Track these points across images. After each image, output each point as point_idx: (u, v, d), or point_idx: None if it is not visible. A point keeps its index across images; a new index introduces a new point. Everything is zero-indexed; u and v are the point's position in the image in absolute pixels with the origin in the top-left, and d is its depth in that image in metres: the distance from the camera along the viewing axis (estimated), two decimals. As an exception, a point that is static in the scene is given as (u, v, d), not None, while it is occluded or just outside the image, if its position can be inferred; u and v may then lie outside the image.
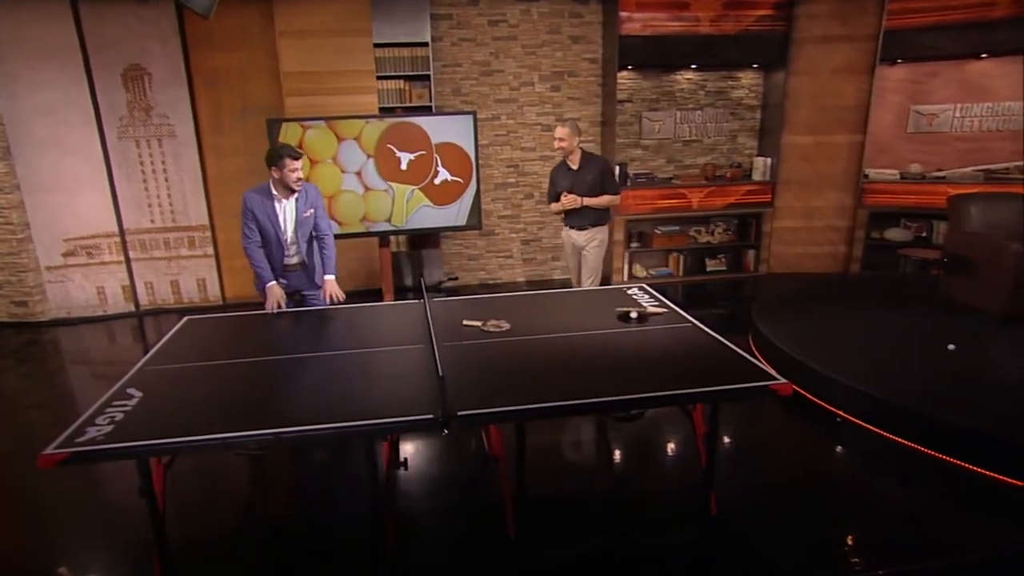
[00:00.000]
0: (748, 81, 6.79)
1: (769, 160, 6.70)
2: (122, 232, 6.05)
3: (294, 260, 3.77)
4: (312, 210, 3.71)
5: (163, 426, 2.23)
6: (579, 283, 4.78)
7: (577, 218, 4.58)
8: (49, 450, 2.06)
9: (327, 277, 3.76)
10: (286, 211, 3.65)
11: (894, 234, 6.67)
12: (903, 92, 6.60)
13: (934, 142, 6.59)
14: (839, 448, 3.56)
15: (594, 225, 4.60)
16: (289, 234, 3.68)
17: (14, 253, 5.76)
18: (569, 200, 4.46)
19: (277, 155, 3.51)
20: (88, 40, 5.56)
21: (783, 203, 6.82)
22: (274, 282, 3.65)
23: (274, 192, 3.60)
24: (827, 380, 3.77)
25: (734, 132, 6.95)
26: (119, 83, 5.72)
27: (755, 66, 6.69)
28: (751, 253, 6.99)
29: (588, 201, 4.48)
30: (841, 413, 3.70)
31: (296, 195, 3.64)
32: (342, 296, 3.75)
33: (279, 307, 3.62)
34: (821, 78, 6.46)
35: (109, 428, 2.20)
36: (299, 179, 3.57)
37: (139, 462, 2.33)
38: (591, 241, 4.61)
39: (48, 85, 5.56)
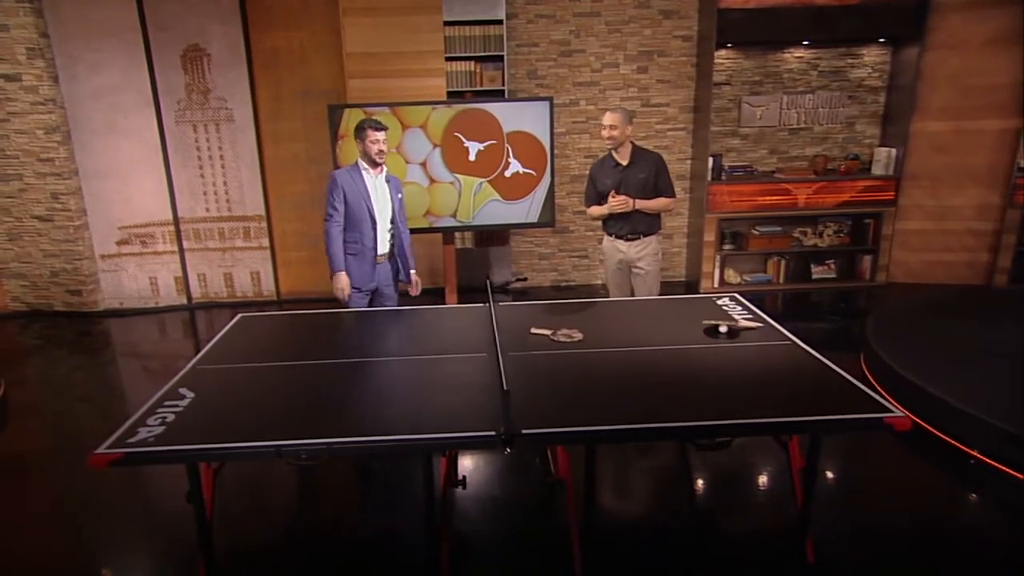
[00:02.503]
0: (872, 58, 6.54)
1: (894, 151, 6.44)
2: (176, 221, 6.46)
3: (386, 248, 4.11)
4: (401, 195, 4.16)
5: (214, 430, 2.38)
6: None
7: (626, 225, 4.34)
8: (101, 450, 2.24)
9: (412, 271, 4.28)
10: (377, 187, 4.02)
11: (1056, 239, 6.26)
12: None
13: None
14: (972, 495, 3.38)
15: (647, 233, 4.37)
16: (386, 212, 4.05)
17: (71, 240, 6.24)
18: (618, 202, 4.23)
19: (359, 126, 3.90)
20: (149, 20, 5.96)
21: (909, 201, 6.54)
22: (343, 271, 3.95)
23: (363, 165, 3.98)
24: (959, 414, 3.57)
25: (851, 119, 6.71)
26: (178, 64, 6.10)
27: (881, 40, 6.44)
28: (867, 259, 6.73)
29: (640, 204, 4.25)
30: (976, 454, 3.50)
31: (385, 174, 4.04)
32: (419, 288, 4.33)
33: (348, 295, 3.97)
34: (967, 52, 6.12)
35: (160, 430, 2.37)
36: (380, 151, 3.92)
37: (188, 466, 2.51)
38: (644, 252, 4.38)
39: (108, 67, 6.00)
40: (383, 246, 4.07)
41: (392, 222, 4.11)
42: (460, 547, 2.97)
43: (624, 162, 4.29)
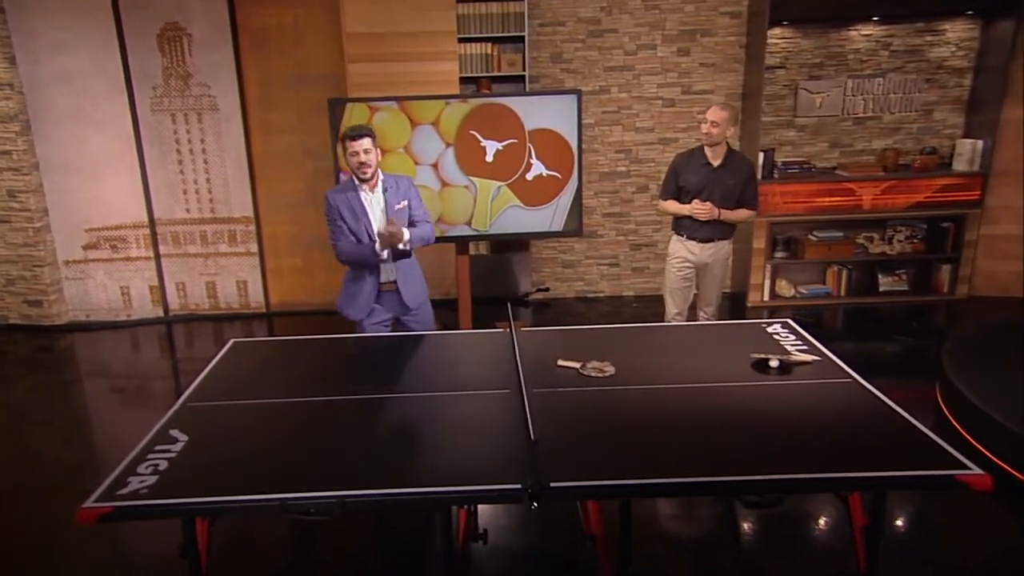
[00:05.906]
0: (956, 34, 6.56)
1: (980, 143, 6.46)
2: (152, 223, 6.64)
3: (388, 277, 4.12)
4: (406, 201, 4.10)
5: (212, 479, 2.54)
6: (682, 312, 4.88)
7: (705, 228, 4.66)
8: (89, 503, 2.38)
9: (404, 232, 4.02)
10: (374, 203, 4.05)
11: None
12: None
13: None
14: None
15: (722, 237, 4.71)
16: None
17: (30, 244, 6.42)
18: (702, 210, 4.53)
19: (340, 137, 4.00)
20: (122, -7, 6.10)
21: (998, 202, 6.56)
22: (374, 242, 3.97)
23: (356, 183, 4.02)
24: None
25: (929, 106, 6.75)
26: (154, 45, 6.26)
27: (969, 13, 6.44)
28: (945, 269, 6.78)
29: (724, 215, 4.57)
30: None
31: (383, 186, 4.04)
32: (399, 237, 3.96)
33: (395, 226, 3.91)
34: (1072, 24, 6.10)
35: (153, 480, 2.52)
36: (361, 164, 3.91)
37: (184, 519, 2.66)
38: (717, 257, 4.73)
39: (73, 47, 6.15)
40: (387, 273, 4.13)
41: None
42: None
43: (716, 163, 4.57)
